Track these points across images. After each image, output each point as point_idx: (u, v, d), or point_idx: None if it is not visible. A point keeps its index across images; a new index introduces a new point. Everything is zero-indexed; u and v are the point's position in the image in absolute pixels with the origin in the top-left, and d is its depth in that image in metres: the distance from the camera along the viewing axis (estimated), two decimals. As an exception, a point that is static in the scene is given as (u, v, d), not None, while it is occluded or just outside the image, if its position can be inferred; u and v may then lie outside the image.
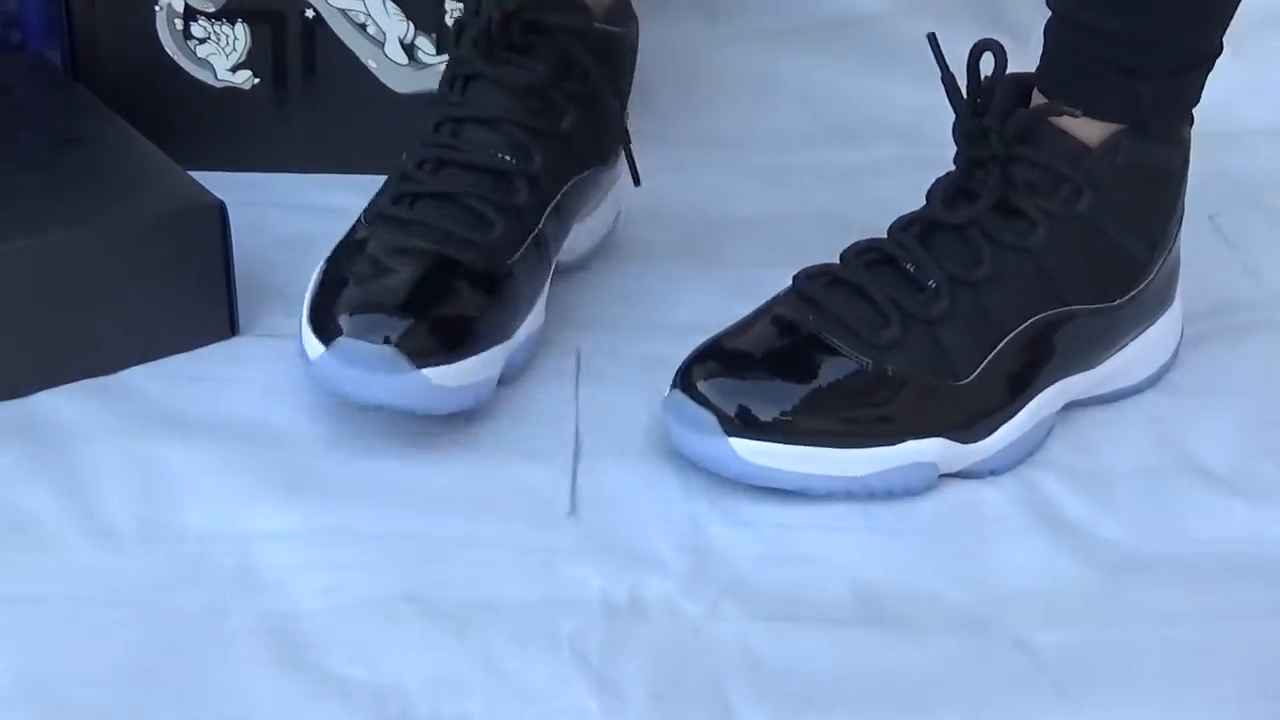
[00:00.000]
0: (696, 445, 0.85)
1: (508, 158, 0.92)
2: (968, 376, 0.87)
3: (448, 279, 0.88)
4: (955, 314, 0.87)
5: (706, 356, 0.87)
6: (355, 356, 0.85)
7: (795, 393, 0.85)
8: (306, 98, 1.13)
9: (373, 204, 0.92)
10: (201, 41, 1.11)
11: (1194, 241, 1.10)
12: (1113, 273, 0.91)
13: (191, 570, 0.80)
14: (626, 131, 0.98)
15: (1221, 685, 0.76)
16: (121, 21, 1.10)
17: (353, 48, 1.12)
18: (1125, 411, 0.94)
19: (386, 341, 0.84)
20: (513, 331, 0.91)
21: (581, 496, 0.86)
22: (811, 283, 0.89)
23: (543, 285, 0.94)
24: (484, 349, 0.88)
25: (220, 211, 0.93)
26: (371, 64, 1.12)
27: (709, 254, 1.07)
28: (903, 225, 0.89)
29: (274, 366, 0.92)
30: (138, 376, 0.92)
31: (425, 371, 0.85)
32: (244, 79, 1.13)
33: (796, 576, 0.82)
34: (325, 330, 0.86)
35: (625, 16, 1.00)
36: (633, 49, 1.01)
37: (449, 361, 0.86)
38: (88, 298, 0.91)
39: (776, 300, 0.89)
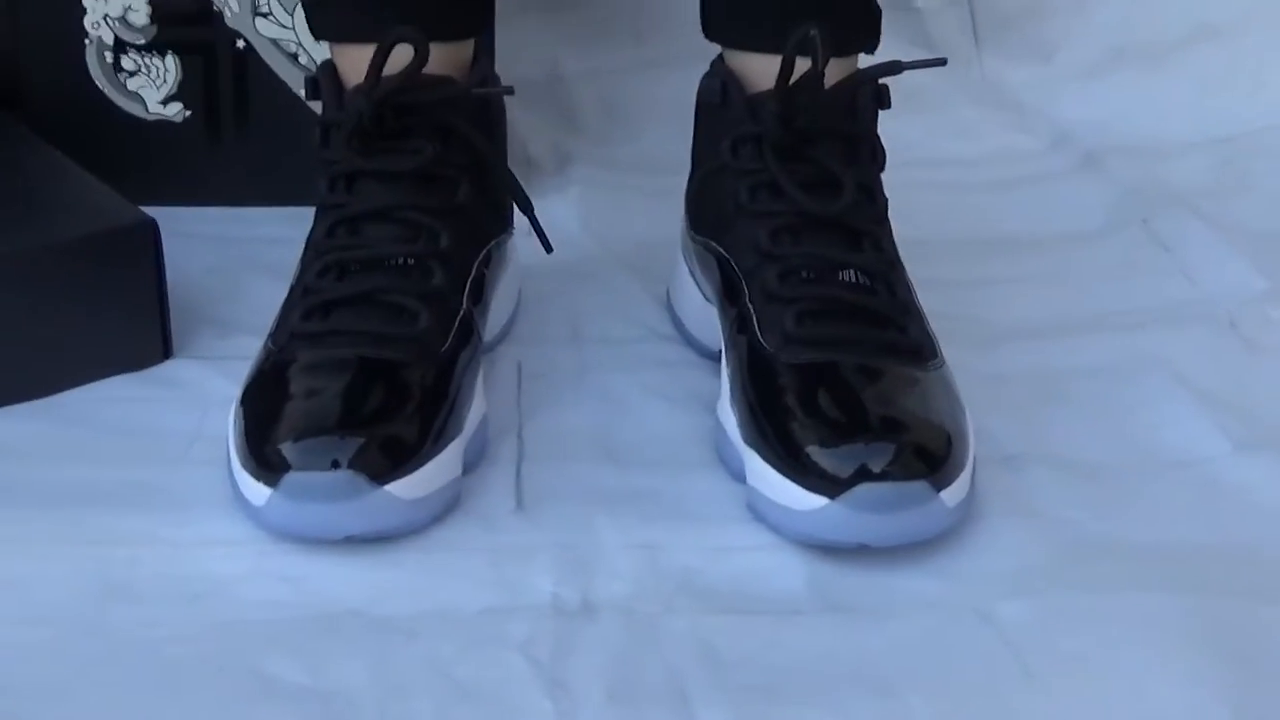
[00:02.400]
0: (904, 524, 0.79)
1: (415, 244, 0.87)
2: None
3: (385, 382, 0.82)
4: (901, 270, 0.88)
5: (829, 442, 0.80)
6: (309, 490, 0.78)
7: (908, 406, 0.82)
8: (239, 129, 1.12)
9: (279, 327, 0.86)
10: (132, 74, 1.10)
11: (1129, 243, 1.12)
12: None
13: (122, 581, 0.78)
14: (525, 195, 0.93)
15: (1181, 655, 0.75)
16: (50, 53, 1.09)
17: (285, 78, 1.11)
18: (1082, 401, 0.94)
19: (338, 465, 0.78)
20: (464, 422, 0.85)
21: (527, 497, 0.85)
22: (800, 327, 0.84)
23: (479, 368, 0.89)
24: (443, 448, 0.81)
25: (152, 230, 0.92)
26: (304, 94, 1.11)
27: (639, 271, 1.07)
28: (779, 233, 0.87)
29: (209, 387, 0.91)
30: (71, 399, 0.91)
31: (389, 488, 0.78)
32: (175, 111, 1.12)
33: (750, 569, 0.80)
34: (267, 466, 0.79)
35: (489, 73, 0.95)
36: (503, 107, 0.96)
37: (412, 470, 0.79)
38: (18, 319, 0.89)
39: (783, 369, 0.84)
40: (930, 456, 0.80)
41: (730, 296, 0.89)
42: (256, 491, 0.79)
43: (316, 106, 0.92)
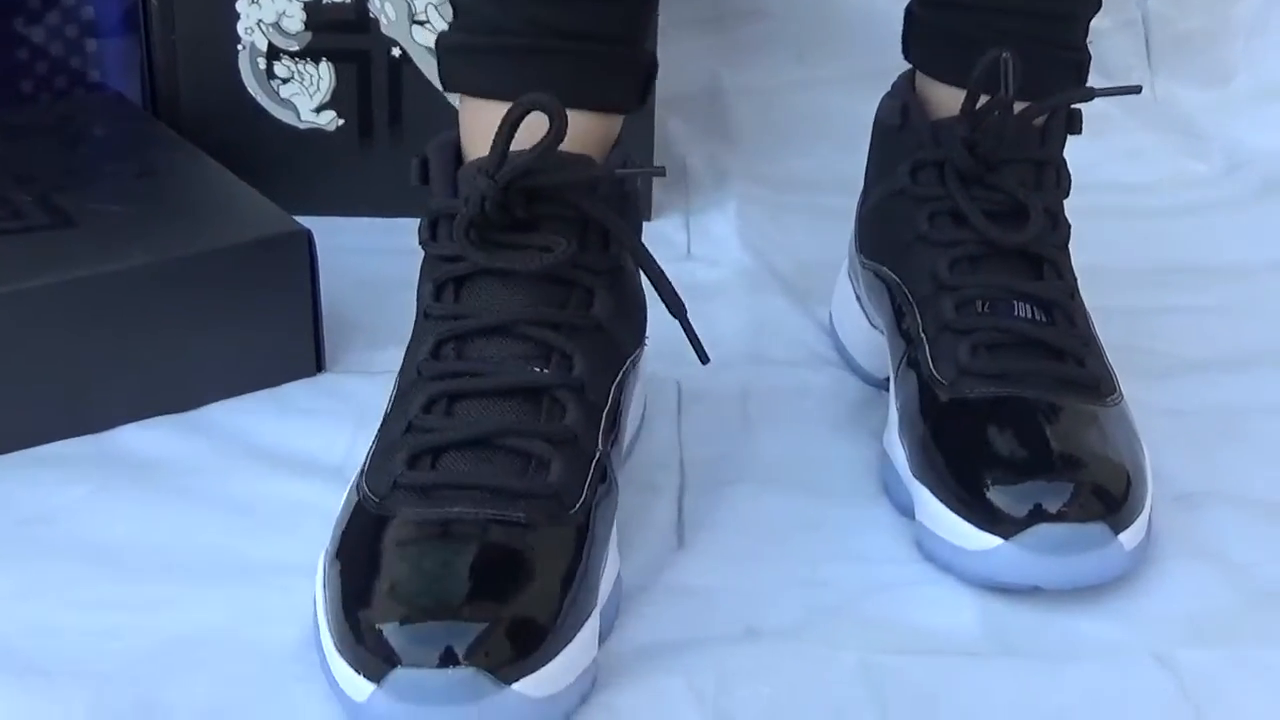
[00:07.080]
0: (1081, 567, 0.76)
1: (540, 368, 0.74)
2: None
3: (508, 551, 0.69)
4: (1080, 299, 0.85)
5: (1005, 479, 0.77)
6: (421, 691, 0.65)
7: (1087, 443, 0.78)
8: (392, 139, 1.10)
9: (376, 467, 0.73)
10: (285, 81, 1.09)
11: None
12: None
13: (279, 605, 0.75)
14: (679, 298, 0.78)
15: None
16: (202, 60, 1.08)
17: (440, 87, 1.09)
18: (1262, 438, 0.91)
19: (454, 657, 0.65)
20: (598, 593, 0.72)
21: (689, 533, 0.82)
22: (975, 359, 0.81)
23: (613, 521, 0.76)
24: (577, 629, 0.69)
25: (307, 239, 0.90)
26: (458, 104, 1.09)
27: (799, 291, 1.04)
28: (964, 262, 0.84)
29: (363, 402, 0.88)
30: (222, 410, 0.89)
31: (517, 686, 0.66)
32: (328, 120, 1.10)
33: (920, 607, 0.77)
34: (368, 655, 0.66)
35: (629, 155, 0.80)
36: (638, 199, 0.83)
37: (543, 662, 0.67)
38: (171, 327, 0.88)
39: (957, 403, 0.80)
40: (1109, 497, 0.77)
41: (901, 325, 0.86)
42: (355, 686, 0.66)
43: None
